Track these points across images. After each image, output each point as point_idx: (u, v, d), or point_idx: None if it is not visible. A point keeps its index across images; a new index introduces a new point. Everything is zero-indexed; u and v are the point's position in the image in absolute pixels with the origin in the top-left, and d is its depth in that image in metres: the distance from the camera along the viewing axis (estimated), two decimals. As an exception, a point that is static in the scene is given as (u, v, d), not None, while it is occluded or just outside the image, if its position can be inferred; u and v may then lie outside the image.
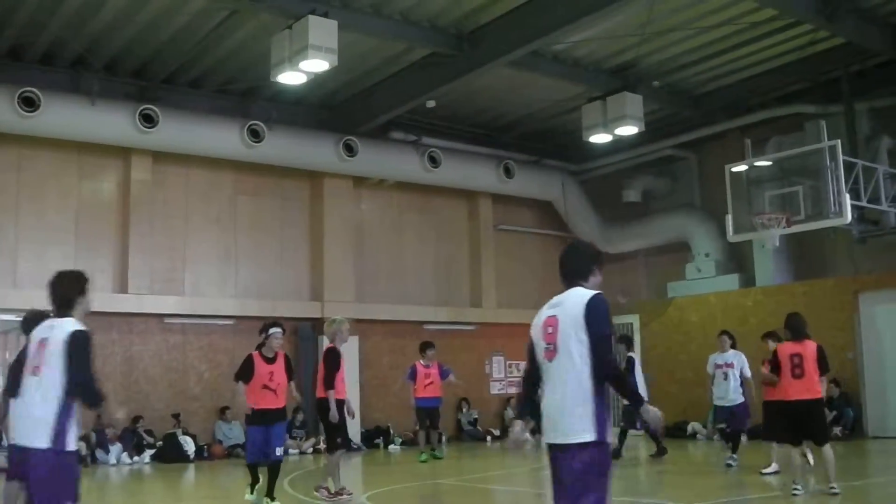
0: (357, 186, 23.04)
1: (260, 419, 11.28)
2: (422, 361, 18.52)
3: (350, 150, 21.39)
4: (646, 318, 23.63)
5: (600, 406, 5.72)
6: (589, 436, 5.64)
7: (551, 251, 26.48)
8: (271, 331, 11.60)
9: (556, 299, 6.27)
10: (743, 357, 15.66)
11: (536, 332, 6.23)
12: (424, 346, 18.74)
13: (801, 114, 20.47)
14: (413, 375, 18.49)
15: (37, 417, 6.21)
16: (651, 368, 22.93)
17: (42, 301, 6.93)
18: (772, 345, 13.24)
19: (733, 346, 16.00)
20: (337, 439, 12.41)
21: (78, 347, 6.44)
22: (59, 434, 6.16)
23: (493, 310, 24.45)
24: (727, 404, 15.61)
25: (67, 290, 6.92)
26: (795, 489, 11.10)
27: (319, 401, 12.36)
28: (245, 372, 11.54)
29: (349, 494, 12.31)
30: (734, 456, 15.03)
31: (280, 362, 11.59)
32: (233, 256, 21.34)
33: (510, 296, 25.15)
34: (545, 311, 6.29)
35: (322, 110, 21.81)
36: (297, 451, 20.19)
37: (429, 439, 18.57)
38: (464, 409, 23.19)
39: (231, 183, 21.47)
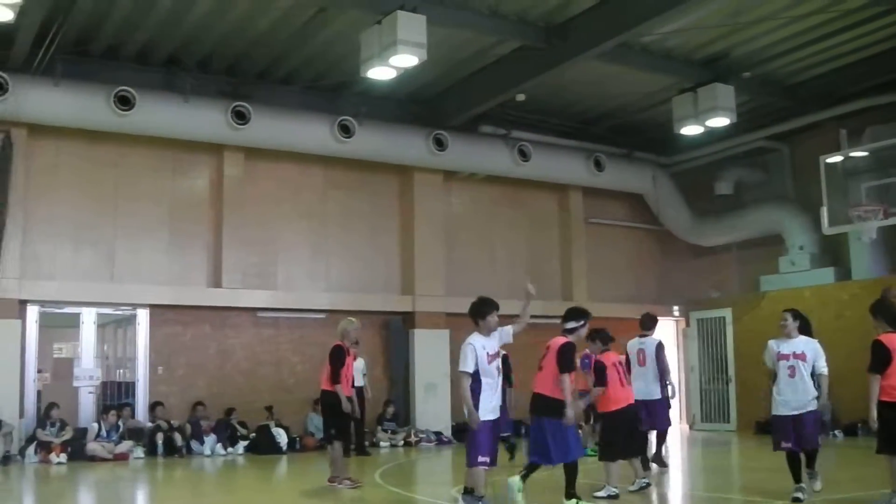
0: (447, 180, 23.12)
1: None
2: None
3: (440, 144, 21.47)
4: (738, 312, 23.36)
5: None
6: None
7: (642, 244, 26.42)
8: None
9: None
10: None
11: None
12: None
13: (898, 103, 20.07)
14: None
15: None
16: (743, 363, 22.73)
17: (136, 294, 7.12)
18: None
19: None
20: (331, 431, 12.85)
21: None
22: None
23: (584, 303, 24.27)
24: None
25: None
26: None
27: (324, 393, 12.91)
28: None
29: (350, 484, 12.66)
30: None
31: None
32: (324, 251, 21.55)
33: (601, 289, 25.04)
34: None
35: (411, 105, 21.90)
36: (388, 443, 20.33)
37: None
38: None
39: (321, 178, 21.68)
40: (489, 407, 9.48)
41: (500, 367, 9.76)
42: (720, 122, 19.68)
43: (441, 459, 18.57)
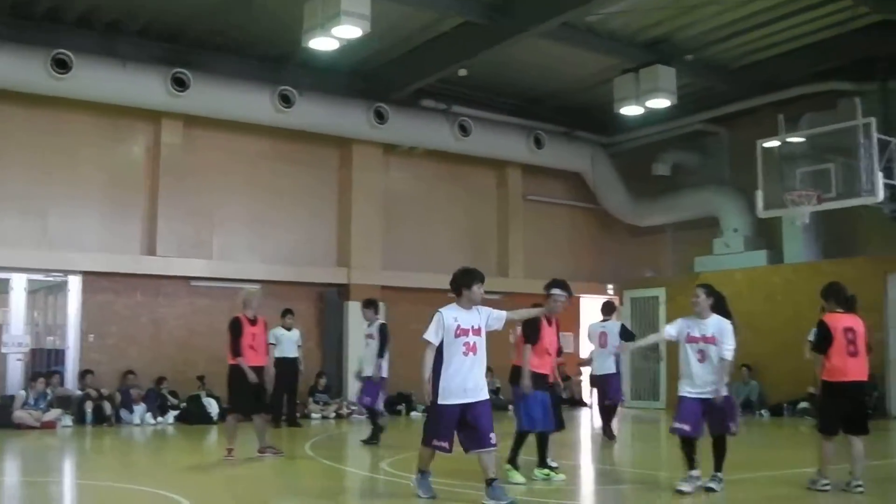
0: (387, 154, 23.05)
1: None
2: None
3: (381, 117, 21.39)
4: (672, 292, 23.56)
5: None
6: None
7: (580, 222, 26.55)
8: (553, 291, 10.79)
9: None
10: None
11: None
12: None
13: (836, 91, 20.28)
14: None
15: None
16: (674, 344, 22.90)
17: (68, 261, 7.01)
18: None
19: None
20: (244, 403, 12.83)
21: None
22: None
23: (519, 279, 24.41)
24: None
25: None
26: (826, 485, 9.71)
27: (229, 367, 12.81)
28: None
29: (230, 456, 12.62)
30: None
31: None
32: (261, 221, 21.40)
33: (537, 266, 25.10)
34: None
35: (353, 77, 21.75)
36: (319, 415, 20.28)
37: None
38: (487, 378, 23.18)
39: (261, 148, 21.51)
40: (451, 388, 9.08)
41: (476, 346, 9.25)
42: (661, 103, 19.85)
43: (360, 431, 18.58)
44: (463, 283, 9.41)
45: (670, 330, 10.26)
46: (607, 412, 16.08)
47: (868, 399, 10.44)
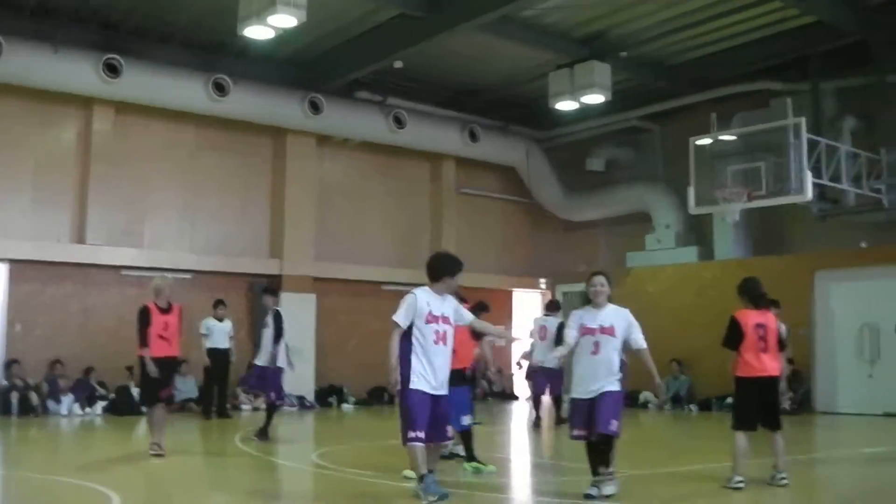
0: (321, 145, 22.93)
1: None
2: None
3: (315, 107, 21.29)
4: (604, 287, 23.68)
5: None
6: None
7: (513, 216, 26.63)
8: None
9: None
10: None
11: None
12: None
13: (768, 90, 20.58)
14: None
15: None
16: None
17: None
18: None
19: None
20: (148, 395, 12.41)
21: None
22: None
23: (452, 273, 24.39)
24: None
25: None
26: (740, 481, 9.54)
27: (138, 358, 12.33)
28: None
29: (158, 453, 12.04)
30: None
31: None
32: (193, 211, 21.19)
33: (470, 259, 24.91)
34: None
35: (288, 67, 21.61)
36: (249, 406, 20.16)
37: None
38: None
39: (194, 137, 21.29)
40: (421, 373, 8.58)
41: (447, 336, 8.76)
42: (595, 99, 19.96)
43: (302, 424, 18.52)
44: (447, 270, 9.07)
45: (571, 332, 9.14)
46: (557, 403, 16.93)
47: (781, 394, 10.27)
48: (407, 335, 8.66)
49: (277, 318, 14.48)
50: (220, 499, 9.64)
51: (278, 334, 14.40)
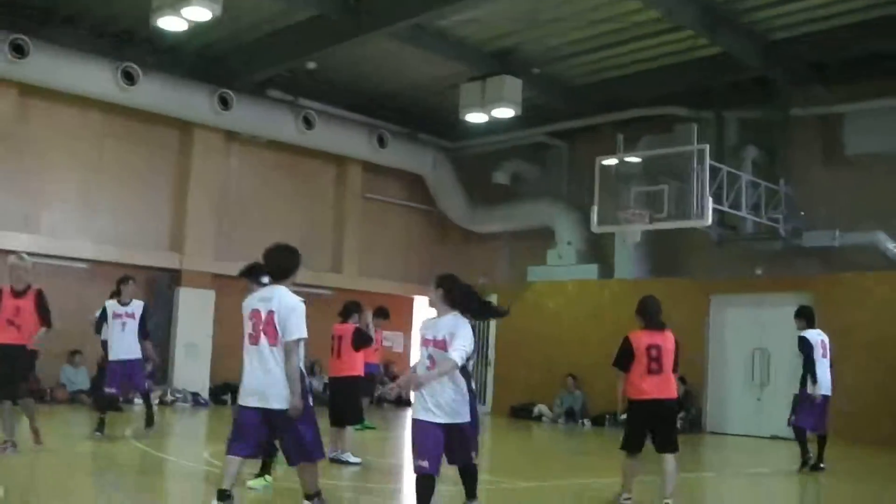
0: (228, 141, 22.73)
1: None
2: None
3: (225, 103, 21.10)
4: (504, 299, 23.81)
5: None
6: None
7: (417, 224, 26.67)
8: None
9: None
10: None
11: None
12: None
13: (674, 116, 20.98)
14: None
15: None
16: (503, 348, 23.35)
17: None
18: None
19: None
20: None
21: None
22: None
23: (353, 277, 24.40)
24: None
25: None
26: (628, 499, 9.45)
27: None
28: None
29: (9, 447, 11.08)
30: None
31: None
32: (94, 200, 20.82)
33: (371, 265, 25.18)
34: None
35: (200, 60, 21.37)
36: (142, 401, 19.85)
37: None
38: (315, 373, 23.08)
39: (99, 125, 20.91)
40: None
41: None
42: (505, 113, 20.16)
43: (195, 421, 18.38)
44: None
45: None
46: None
47: (677, 417, 10.10)
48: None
49: (145, 312, 14.04)
50: (107, 495, 9.51)
51: (143, 327, 13.92)
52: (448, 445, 7.64)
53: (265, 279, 8.99)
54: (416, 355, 13.40)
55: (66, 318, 19.42)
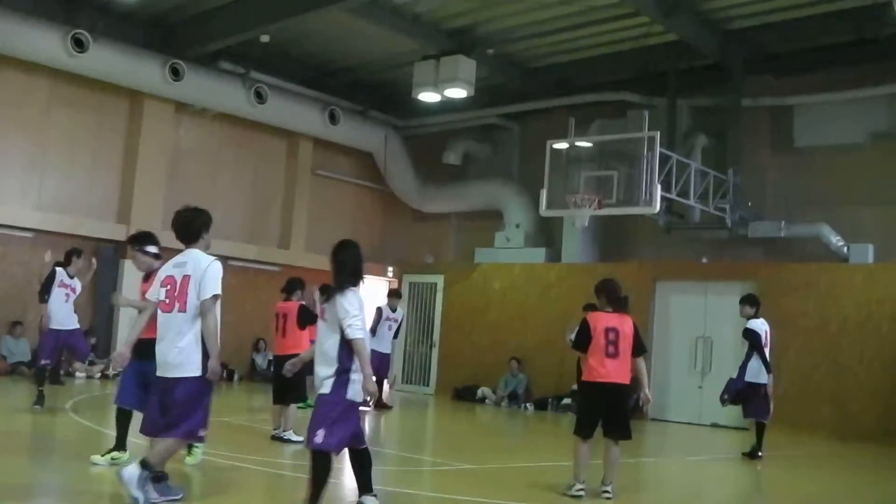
0: (178, 112, 22.46)
1: None
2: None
3: (176, 73, 20.85)
4: (450, 279, 23.90)
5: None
6: None
7: (366, 202, 26.60)
8: None
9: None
10: None
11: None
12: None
13: (627, 102, 21.06)
14: None
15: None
16: (448, 329, 23.36)
17: None
18: None
19: None
20: None
21: None
22: None
23: (300, 253, 24.28)
24: None
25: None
26: (581, 490, 9.24)
27: None
28: None
29: None
30: None
31: None
32: (39, 167, 20.51)
33: (319, 241, 25.01)
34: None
35: (152, 29, 21.13)
36: (84, 374, 19.67)
37: None
38: (260, 350, 22.98)
39: (46, 91, 20.56)
40: None
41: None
42: (458, 93, 20.12)
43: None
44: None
45: None
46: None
47: (629, 403, 9.92)
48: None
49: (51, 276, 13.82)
50: (40, 469, 9.41)
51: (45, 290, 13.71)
52: None
53: (152, 248, 9.52)
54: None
55: (9, 287, 19.32)
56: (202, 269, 7.60)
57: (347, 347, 7.17)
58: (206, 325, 7.42)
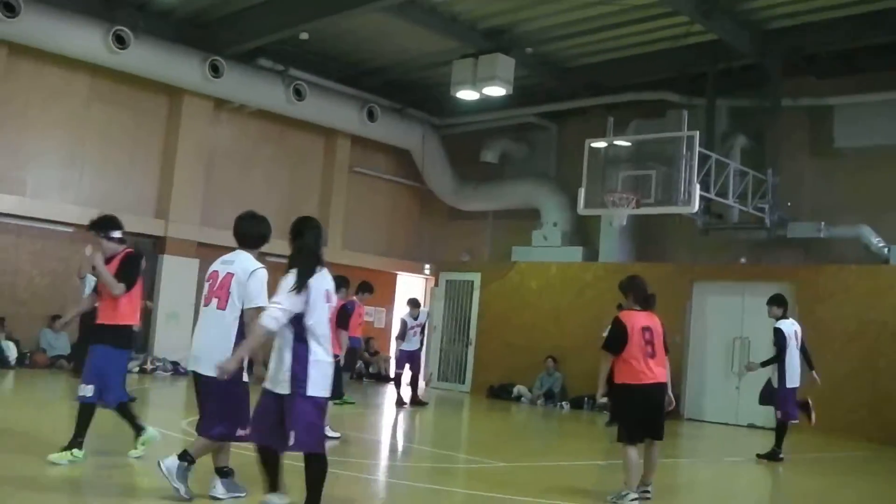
0: (217, 109, 22.61)
1: None
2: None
3: (216, 70, 20.96)
4: (486, 278, 23.88)
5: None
6: None
7: (403, 200, 26.68)
8: None
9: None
10: None
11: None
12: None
13: (665, 101, 20.97)
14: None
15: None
16: (484, 328, 23.34)
17: None
18: None
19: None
20: None
21: None
22: None
23: (337, 250, 24.32)
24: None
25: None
26: (635, 499, 8.87)
27: None
28: None
29: None
30: None
31: None
32: (80, 163, 20.69)
33: (356, 238, 25.17)
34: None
35: (192, 27, 21.22)
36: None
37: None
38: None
39: (87, 87, 20.75)
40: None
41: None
42: (496, 91, 20.09)
43: (174, 389, 18.34)
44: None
45: None
46: (414, 382, 18.81)
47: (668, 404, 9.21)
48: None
49: None
50: (79, 462, 9.46)
51: None
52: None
53: (116, 233, 9.39)
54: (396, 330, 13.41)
55: (49, 281, 19.49)
56: (248, 271, 7.56)
57: (303, 342, 6.74)
58: (250, 331, 7.06)
